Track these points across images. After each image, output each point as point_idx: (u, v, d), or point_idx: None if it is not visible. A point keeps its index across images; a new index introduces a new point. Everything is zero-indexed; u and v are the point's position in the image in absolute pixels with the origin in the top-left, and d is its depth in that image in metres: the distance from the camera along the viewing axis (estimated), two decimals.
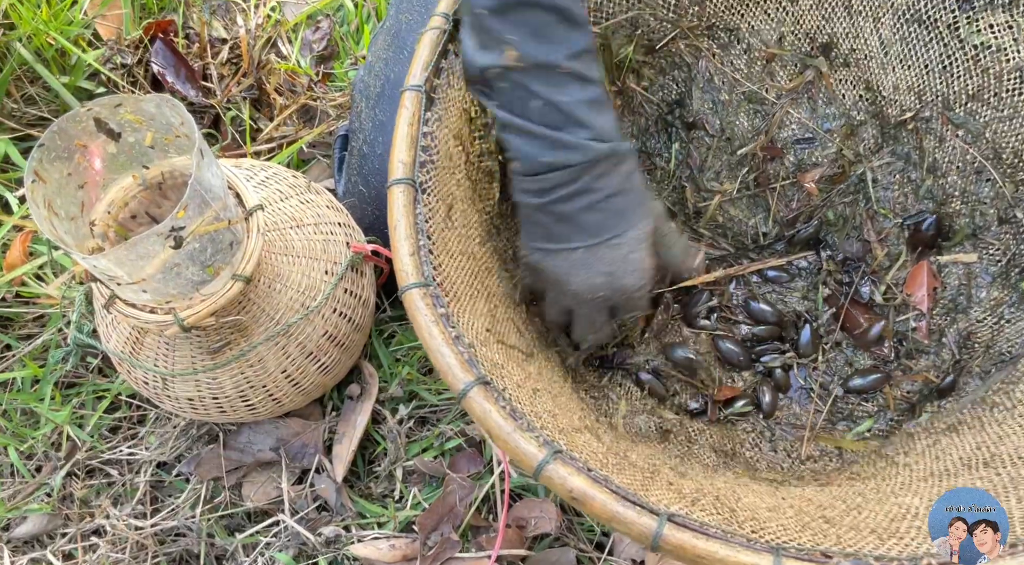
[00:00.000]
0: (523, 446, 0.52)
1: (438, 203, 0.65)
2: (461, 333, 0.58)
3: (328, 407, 0.96)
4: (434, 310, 0.57)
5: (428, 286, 0.59)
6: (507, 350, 0.66)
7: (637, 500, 0.50)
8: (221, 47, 1.12)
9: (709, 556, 0.49)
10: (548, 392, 0.66)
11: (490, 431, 0.54)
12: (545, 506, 0.88)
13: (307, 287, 0.83)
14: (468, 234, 0.69)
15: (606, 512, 0.50)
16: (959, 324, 0.84)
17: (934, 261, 0.85)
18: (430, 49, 0.68)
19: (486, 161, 0.74)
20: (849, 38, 0.82)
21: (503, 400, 0.55)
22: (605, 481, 0.51)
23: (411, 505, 0.90)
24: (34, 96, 1.12)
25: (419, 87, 0.66)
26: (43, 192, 0.65)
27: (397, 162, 0.63)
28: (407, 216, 0.61)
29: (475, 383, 0.55)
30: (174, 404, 0.85)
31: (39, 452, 0.95)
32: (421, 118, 0.65)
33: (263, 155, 1.10)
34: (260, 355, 0.82)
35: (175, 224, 0.63)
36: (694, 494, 0.57)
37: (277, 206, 0.85)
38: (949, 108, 0.80)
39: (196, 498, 0.92)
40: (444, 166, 0.67)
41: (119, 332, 0.81)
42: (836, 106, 0.87)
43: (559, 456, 0.52)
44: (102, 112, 0.67)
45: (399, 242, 0.60)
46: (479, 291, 0.67)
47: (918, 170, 0.85)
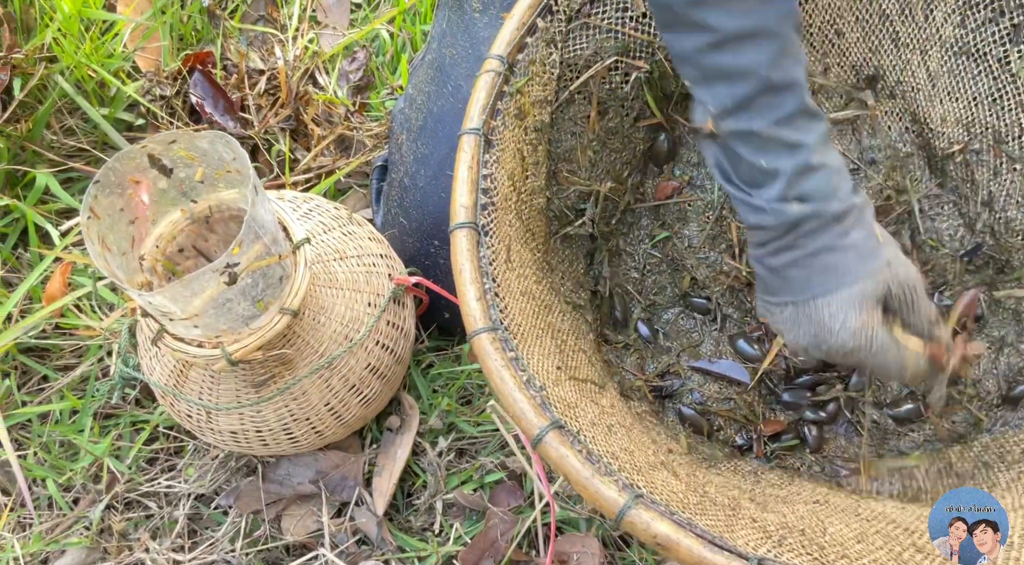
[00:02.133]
0: (603, 491, 0.52)
1: (499, 245, 0.65)
2: (532, 375, 0.57)
3: (367, 439, 0.96)
4: (504, 354, 0.57)
5: (496, 330, 0.58)
6: (579, 385, 0.65)
7: (724, 544, 0.49)
8: (259, 78, 1.13)
9: None
10: (622, 426, 0.65)
11: (567, 476, 0.53)
12: (588, 541, 0.87)
13: (350, 319, 0.83)
14: (524, 273, 0.69)
15: (692, 558, 0.49)
16: (1009, 358, 0.82)
17: (987, 294, 0.84)
18: (487, 92, 0.67)
19: (537, 198, 0.74)
20: (896, 70, 0.82)
21: (579, 443, 0.54)
22: (689, 525, 0.50)
23: (453, 539, 0.89)
24: (73, 128, 1.13)
25: (477, 130, 0.66)
26: (97, 228, 0.66)
27: (459, 206, 0.63)
28: (471, 260, 0.60)
29: (549, 427, 0.54)
30: (216, 437, 0.85)
31: (77, 484, 0.95)
32: (480, 161, 0.64)
33: (300, 186, 1.10)
34: (304, 388, 0.81)
35: (230, 261, 0.63)
36: (780, 531, 0.56)
37: (321, 238, 0.85)
38: (1002, 141, 0.79)
39: (235, 531, 0.91)
40: (502, 207, 0.67)
41: (163, 365, 0.81)
42: (881, 138, 0.86)
43: (640, 501, 0.51)
44: (156, 148, 0.67)
45: (465, 286, 0.59)
46: (543, 330, 0.67)
47: (970, 203, 0.84)
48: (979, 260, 0.85)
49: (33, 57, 1.07)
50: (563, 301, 0.74)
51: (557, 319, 0.71)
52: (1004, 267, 0.83)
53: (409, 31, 1.21)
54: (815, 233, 0.64)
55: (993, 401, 0.82)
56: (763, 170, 0.63)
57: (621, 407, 0.71)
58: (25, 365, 1.02)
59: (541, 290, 0.71)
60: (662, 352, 0.89)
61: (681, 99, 0.87)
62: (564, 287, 0.77)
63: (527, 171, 0.72)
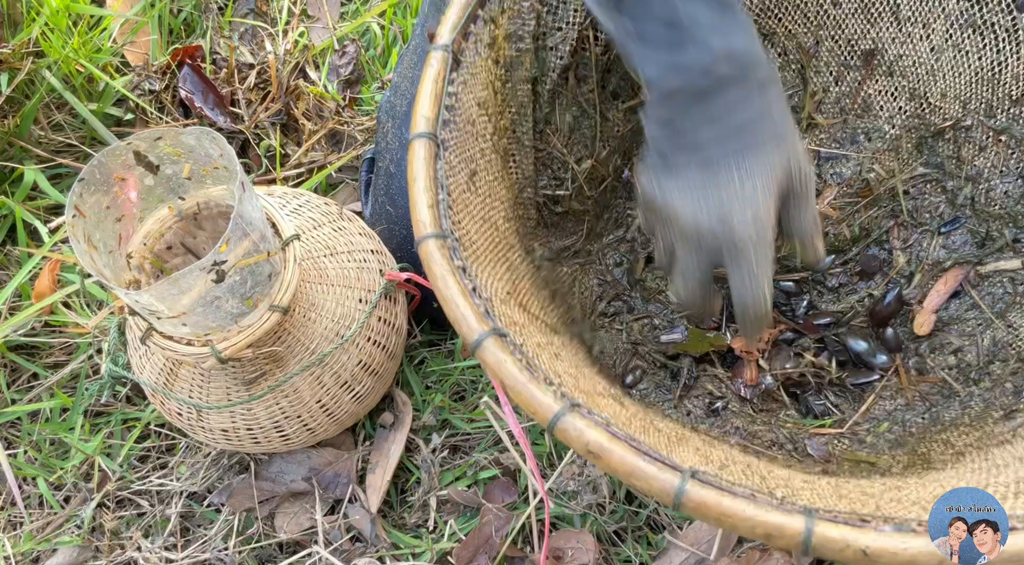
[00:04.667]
0: (538, 396, 0.50)
1: (460, 164, 0.64)
2: (479, 286, 0.56)
3: (360, 436, 0.95)
4: (450, 262, 0.56)
5: (445, 238, 0.57)
6: (529, 316, 0.64)
7: (659, 456, 0.47)
8: (248, 72, 1.12)
9: (734, 515, 0.45)
10: (571, 361, 0.64)
11: (503, 381, 0.51)
12: (582, 537, 0.87)
13: (341, 316, 0.83)
14: (493, 205, 0.68)
15: (624, 466, 0.47)
16: (995, 332, 0.81)
17: (972, 272, 0.83)
18: (459, 12, 0.66)
19: (503, 140, 0.72)
20: (896, 44, 0.80)
21: (519, 353, 0.53)
22: (626, 437, 0.48)
23: (447, 536, 0.88)
24: (61, 123, 1.11)
25: (446, 47, 0.65)
26: (83, 226, 0.65)
27: (420, 117, 0.62)
28: (427, 169, 0.59)
29: (490, 333, 0.52)
30: (208, 435, 0.84)
31: (68, 483, 0.94)
32: (447, 78, 0.64)
33: (291, 181, 1.09)
34: (295, 385, 0.81)
35: (217, 258, 0.62)
36: (722, 461, 0.55)
37: (311, 234, 0.84)
38: (991, 115, 0.78)
39: (228, 530, 0.91)
40: (467, 130, 0.66)
41: (153, 363, 0.81)
42: (870, 119, 0.85)
43: (577, 409, 0.49)
44: (142, 145, 0.67)
45: (417, 194, 0.58)
46: (500, 259, 0.66)
47: (954, 179, 0.83)
48: (957, 236, 0.84)
49: (20, 52, 1.06)
50: (523, 246, 0.73)
51: (516, 258, 0.70)
52: (984, 241, 0.83)
53: (400, 24, 1.20)
54: (739, 95, 0.59)
55: (972, 375, 0.82)
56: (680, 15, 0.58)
57: (573, 352, 0.69)
58: (14, 363, 1.01)
59: (508, 228, 0.70)
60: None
61: None
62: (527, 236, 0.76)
63: (500, 105, 0.72)
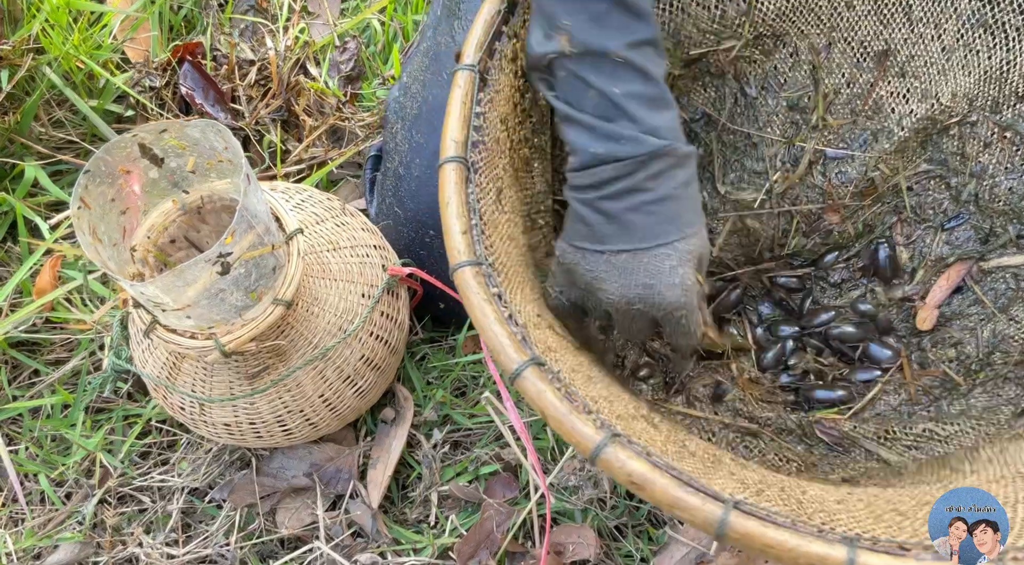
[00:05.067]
0: (580, 428, 0.50)
1: (489, 184, 0.64)
2: (514, 312, 0.56)
3: (362, 431, 0.95)
4: (487, 289, 0.56)
5: (481, 265, 0.57)
6: (558, 337, 0.64)
7: (701, 486, 0.48)
8: (249, 69, 1.12)
9: (778, 546, 0.46)
10: (602, 381, 0.64)
11: (544, 412, 0.51)
12: (583, 532, 0.87)
13: (344, 310, 0.83)
14: (515, 220, 0.68)
15: (668, 498, 0.47)
16: (996, 325, 0.82)
17: (975, 267, 0.84)
18: (484, 29, 0.66)
19: (524, 149, 0.73)
20: (908, 45, 0.81)
21: (558, 382, 0.53)
22: (667, 467, 0.49)
23: (448, 531, 0.88)
24: (62, 120, 1.11)
25: (472, 67, 0.64)
26: (88, 218, 0.65)
27: (449, 141, 0.62)
28: (459, 194, 0.59)
29: (529, 363, 0.52)
30: (210, 430, 0.84)
31: (70, 479, 0.94)
32: (474, 98, 0.64)
33: (292, 177, 1.09)
34: (298, 380, 0.81)
35: (223, 250, 0.62)
36: (758, 485, 0.55)
37: (314, 229, 0.85)
38: (997, 111, 0.79)
39: (230, 525, 0.91)
40: (494, 149, 0.66)
41: (156, 358, 0.81)
42: (880, 120, 0.86)
43: (617, 439, 0.50)
44: (147, 138, 0.67)
45: (451, 220, 0.58)
46: (526, 278, 0.66)
47: (958, 176, 0.84)
48: (961, 232, 0.85)
49: (20, 48, 1.06)
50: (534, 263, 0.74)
51: (533, 276, 0.70)
52: (988, 237, 0.83)
53: (400, 21, 1.20)
54: (662, 176, 0.62)
55: (973, 366, 0.82)
56: (615, 99, 0.60)
57: (600, 368, 0.69)
58: (16, 359, 1.01)
59: (525, 242, 0.70)
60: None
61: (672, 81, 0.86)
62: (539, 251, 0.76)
63: (518, 117, 0.72)
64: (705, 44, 0.82)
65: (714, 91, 0.87)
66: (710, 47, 0.82)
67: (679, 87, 0.87)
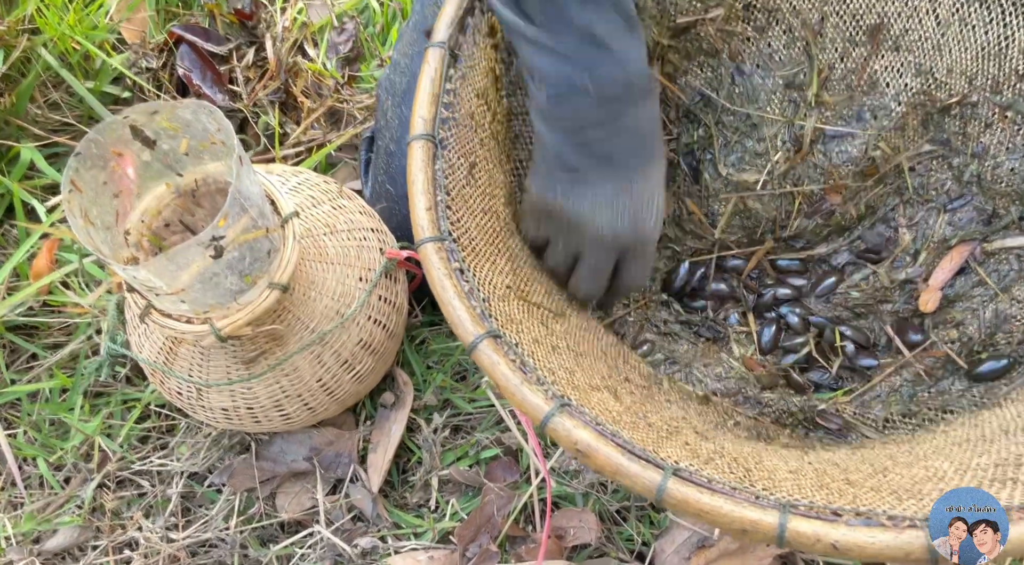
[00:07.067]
0: (529, 398, 0.53)
1: (459, 160, 0.65)
2: (476, 287, 0.59)
3: (362, 416, 0.95)
4: (448, 264, 0.58)
5: (443, 240, 0.59)
6: (529, 307, 0.65)
7: (644, 454, 0.50)
8: (247, 50, 1.11)
9: (713, 511, 0.48)
10: (572, 351, 0.65)
11: (498, 383, 0.54)
12: (584, 516, 0.87)
13: (342, 294, 0.82)
14: (493, 192, 0.69)
15: (610, 465, 0.50)
16: (998, 305, 0.81)
17: (978, 248, 0.83)
18: (455, 4, 0.67)
19: (514, 123, 0.73)
20: (902, 19, 0.80)
21: (514, 353, 0.55)
22: (613, 435, 0.51)
23: (449, 515, 0.88)
24: (58, 101, 1.10)
25: (443, 44, 0.66)
26: (80, 202, 0.64)
27: (418, 118, 0.63)
28: (425, 171, 0.61)
29: (485, 336, 0.55)
30: (208, 414, 0.83)
31: (68, 463, 0.94)
32: (444, 75, 0.65)
33: (290, 159, 1.08)
34: (295, 364, 0.80)
35: (216, 233, 0.61)
36: (710, 454, 0.57)
37: (310, 212, 0.84)
38: (997, 91, 0.78)
39: (229, 510, 0.90)
40: (466, 124, 0.67)
41: (152, 342, 0.80)
42: (877, 96, 0.84)
43: (566, 409, 0.52)
44: (138, 119, 0.66)
45: (416, 197, 0.60)
46: (501, 250, 0.67)
47: (960, 156, 0.82)
48: (964, 213, 0.84)
49: (15, 29, 1.05)
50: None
51: (516, 245, 0.71)
52: (991, 218, 0.82)
53: (399, 1, 1.19)
54: (641, 102, 0.62)
55: (975, 347, 0.81)
56: (592, 28, 0.59)
57: (580, 335, 0.70)
58: (13, 343, 1.00)
59: (508, 213, 0.71)
60: None
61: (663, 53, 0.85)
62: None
63: (501, 91, 0.72)
64: (692, 12, 0.81)
65: (711, 71, 0.86)
66: (697, 15, 0.81)
67: (673, 63, 0.86)
